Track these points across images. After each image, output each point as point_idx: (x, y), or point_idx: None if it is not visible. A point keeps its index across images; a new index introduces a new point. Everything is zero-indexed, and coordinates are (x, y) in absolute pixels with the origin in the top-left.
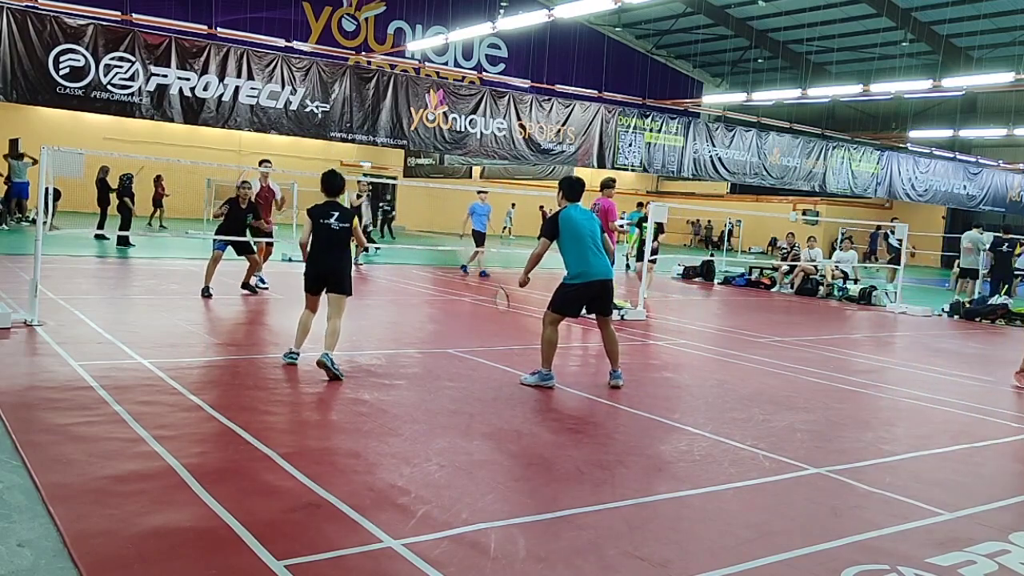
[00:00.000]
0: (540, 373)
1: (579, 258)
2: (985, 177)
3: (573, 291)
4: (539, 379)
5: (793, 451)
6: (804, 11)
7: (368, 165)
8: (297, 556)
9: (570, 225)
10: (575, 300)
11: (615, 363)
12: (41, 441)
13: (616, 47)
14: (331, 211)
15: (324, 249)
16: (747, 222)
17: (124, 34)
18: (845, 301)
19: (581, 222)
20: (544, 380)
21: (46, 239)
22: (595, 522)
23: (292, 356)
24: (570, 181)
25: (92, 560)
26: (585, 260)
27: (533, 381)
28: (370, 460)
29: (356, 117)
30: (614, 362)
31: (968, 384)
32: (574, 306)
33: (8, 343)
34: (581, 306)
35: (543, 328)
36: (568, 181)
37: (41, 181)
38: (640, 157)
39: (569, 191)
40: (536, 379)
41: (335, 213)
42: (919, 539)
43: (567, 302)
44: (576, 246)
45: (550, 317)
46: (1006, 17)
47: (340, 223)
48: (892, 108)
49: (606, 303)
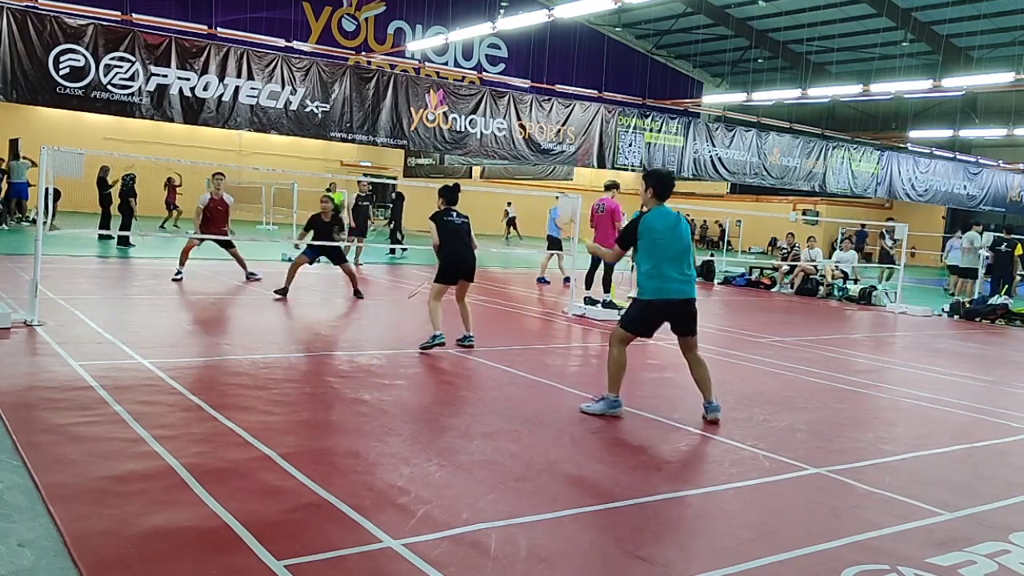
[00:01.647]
0: (607, 399)
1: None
2: (985, 177)
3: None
4: (606, 406)
5: (793, 451)
6: (804, 11)
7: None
8: (297, 556)
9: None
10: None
11: (707, 393)
12: (41, 441)
13: (616, 47)
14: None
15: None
16: (747, 222)
17: (124, 34)
18: (845, 301)
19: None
20: (612, 407)
21: (46, 239)
22: (595, 522)
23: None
24: (659, 175)
25: (92, 560)
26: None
27: (598, 409)
28: (370, 460)
29: (356, 117)
30: (706, 392)
31: (968, 384)
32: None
33: (8, 343)
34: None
35: (610, 347)
36: (657, 175)
37: (41, 181)
38: (640, 157)
39: (659, 187)
40: (602, 407)
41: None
42: (919, 539)
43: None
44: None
45: (619, 335)
46: (1006, 17)
47: (460, 218)
48: (892, 108)
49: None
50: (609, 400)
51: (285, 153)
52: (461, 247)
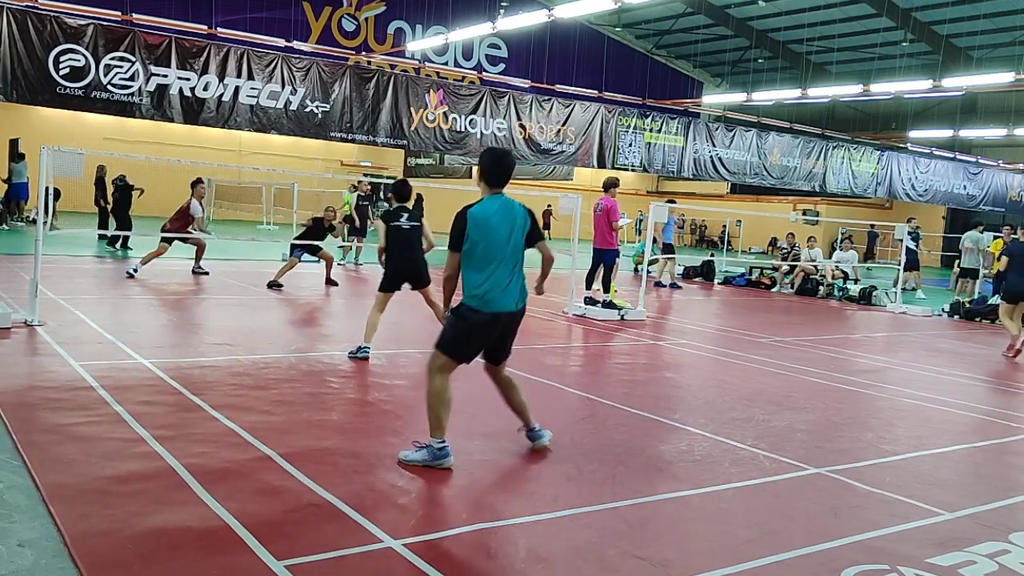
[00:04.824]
0: (430, 447)
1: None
2: (985, 177)
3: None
4: (427, 455)
5: (793, 451)
6: (804, 11)
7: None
8: (297, 556)
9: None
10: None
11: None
12: (41, 441)
13: (616, 47)
14: (401, 213)
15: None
16: (747, 222)
17: (124, 34)
18: (845, 301)
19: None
20: (436, 459)
21: (46, 239)
22: (595, 522)
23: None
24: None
25: (92, 560)
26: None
27: (418, 458)
28: (370, 460)
29: (356, 117)
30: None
31: (968, 384)
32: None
33: (8, 343)
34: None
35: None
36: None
37: (41, 181)
38: (640, 157)
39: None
40: (423, 455)
41: (404, 215)
42: (919, 539)
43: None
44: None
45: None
46: (1006, 17)
47: (409, 222)
48: (892, 108)
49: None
50: (431, 448)
51: (285, 153)
52: (404, 252)
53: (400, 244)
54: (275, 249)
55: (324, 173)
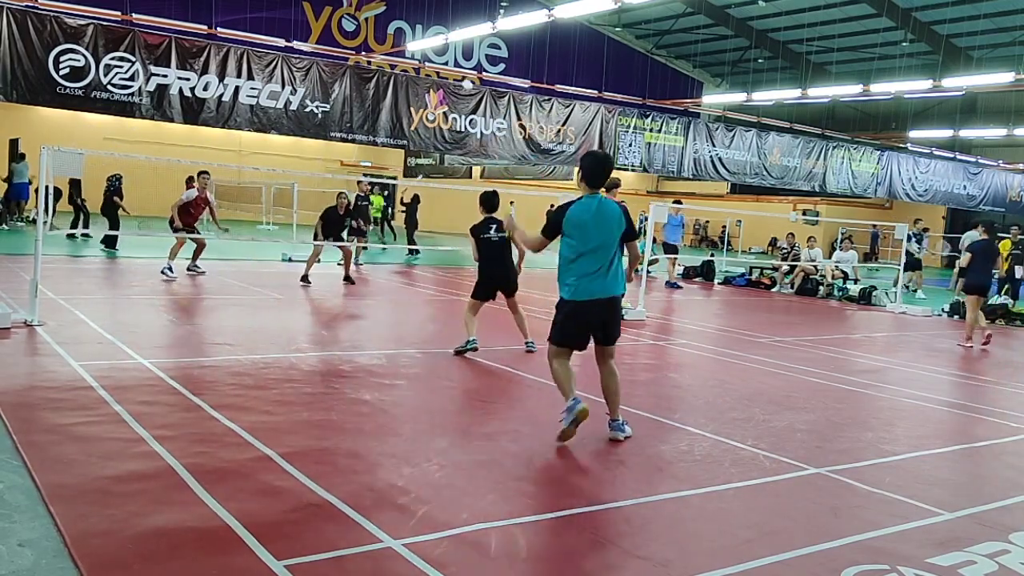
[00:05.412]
0: (567, 408)
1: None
2: (985, 177)
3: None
4: (566, 413)
5: (793, 451)
6: (804, 11)
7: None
8: (297, 556)
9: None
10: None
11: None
12: (41, 441)
13: (616, 47)
14: (489, 225)
15: (490, 259)
16: (747, 222)
17: (124, 34)
18: (845, 301)
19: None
20: (571, 411)
21: (46, 239)
22: (595, 522)
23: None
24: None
25: (92, 560)
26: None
27: (566, 420)
28: (370, 460)
29: (356, 117)
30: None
31: (968, 384)
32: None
33: (8, 343)
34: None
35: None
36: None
37: (42, 181)
38: (640, 157)
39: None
40: (566, 416)
41: (492, 226)
42: (919, 539)
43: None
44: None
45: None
46: (1006, 17)
47: (498, 234)
48: (892, 108)
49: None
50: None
51: (285, 153)
52: (494, 264)
53: (490, 255)
54: (275, 249)
55: (324, 173)
